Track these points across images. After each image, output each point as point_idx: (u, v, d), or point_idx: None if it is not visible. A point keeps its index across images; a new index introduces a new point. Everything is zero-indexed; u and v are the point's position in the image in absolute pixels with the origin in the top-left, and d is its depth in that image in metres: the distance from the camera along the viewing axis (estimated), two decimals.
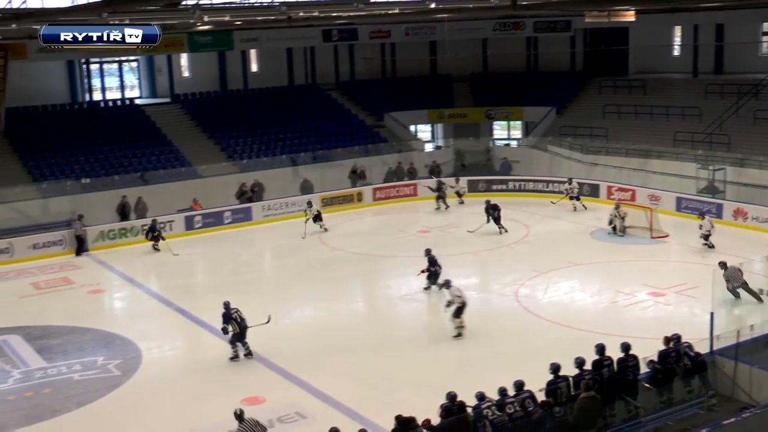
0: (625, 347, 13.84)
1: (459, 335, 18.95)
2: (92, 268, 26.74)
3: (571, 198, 31.35)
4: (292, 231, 29.48)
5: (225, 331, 17.95)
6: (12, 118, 33.65)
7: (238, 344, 17.97)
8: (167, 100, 40.56)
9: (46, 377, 17.68)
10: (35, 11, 21.47)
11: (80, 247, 28.13)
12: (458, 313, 19.04)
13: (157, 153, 35.21)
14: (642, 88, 40.06)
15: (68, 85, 39.52)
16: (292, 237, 29.10)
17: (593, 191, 32.91)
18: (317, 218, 29.59)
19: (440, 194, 33.01)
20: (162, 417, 15.69)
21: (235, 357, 17.99)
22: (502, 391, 12.70)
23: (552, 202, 32.21)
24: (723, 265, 20.11)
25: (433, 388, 14.38)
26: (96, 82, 41.56)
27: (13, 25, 20.80)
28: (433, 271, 21.98)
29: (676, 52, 41.71)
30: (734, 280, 19.96)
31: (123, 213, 30.59)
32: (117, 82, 42.36)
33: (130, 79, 42.91)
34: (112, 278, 25.94)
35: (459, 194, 33.63)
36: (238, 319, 17.91)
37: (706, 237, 25.39)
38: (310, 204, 29.90)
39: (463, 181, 34.27)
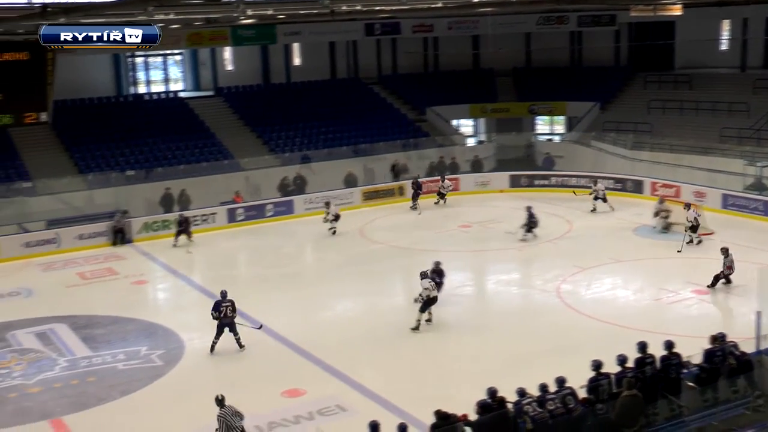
0: (669, 345, 13.69)
1: (416, 328, 19.05)
2: (136, 259, 27.07)
3: (596, 198, 30.43)
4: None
5: (213, 317, 18.19)
6: (59, 110, 34.08)
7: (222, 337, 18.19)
8: (210, 93, 40.91)
9: (91, 366, 17.96)
10: (83, 5, 21.72)
11: (116, 238, 28.49)
12: (424, 307, 19.12)
13: (201, 146, 35.53)
14: (688, 83, 39.51)
15: (114, 78, 39.98)
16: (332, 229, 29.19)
17: (637, 187, 32.56)
18: (336, 219, 28.78)
19: (415, 193, 32.37)
20: (203, 407, 15.74)
21: (211, 349, 18.23)
22: (543, 388, 12.63)
23: (574, 193, 31.84)
24: (725, 251, 21.19)
25: (473, 383, 14.34)
26: (141, 75, 42.00)
27: (62, 20, 21.04)
28: (438, 282, 20.19)
29: (724, 46, 41.02)
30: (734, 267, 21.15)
31: (166, 205, 30.97)
32: (161, 75, 42.75)
33: (174, 72, 43.28)
34: (155, 269, 26.24)
35: (441, 194, 32.82)
36: (221, 314, 18.06)
37: (693, 229, 25.26)
38: (327, 204, 29.34)
39: (449, 180, 33.35)
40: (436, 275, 20.26)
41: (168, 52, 41.79)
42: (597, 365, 13.14)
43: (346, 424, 14.67)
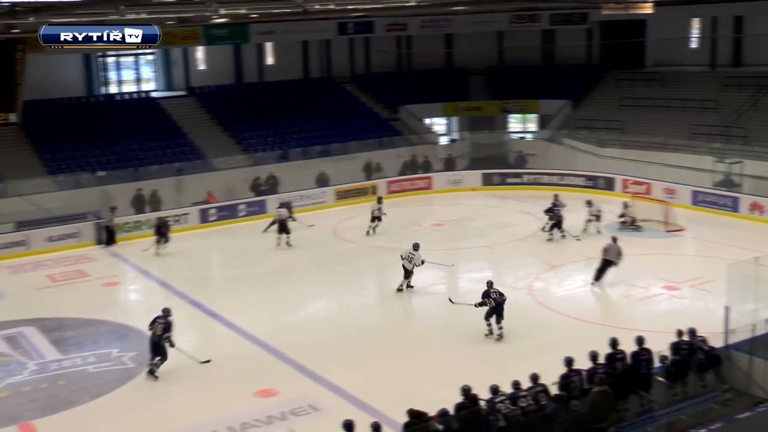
0: (639, 340, 13.83)
1: (399, 290, 21.55)
2: (107, 261, 26.85)
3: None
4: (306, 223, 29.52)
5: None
6: (29, 110, 33.69)
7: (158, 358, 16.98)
8: (183, 92, 40.65)
9: (61, 369, 17.78)
10: (54, 4, 21.53)
11: (110, 238, 28.27)
12: (409, 275, 21.37)
13: (173, 146, 35.28)
14: (659, 81, 39.81)
15: (85, 78, 39.55)
16: (305, 229, 29.10)
17: (608, 185, 32.80)
18: (283, 228, 27.14)
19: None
20: (176, 409, 15.78)
21: (150, 372, 17.04)
22: (516, 385, 12.68)
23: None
24: (613, 239, 22.04)
25: (446, 381, 14.34)
26: (112, 75, 41.65)
27: (31, 19, 20.90)
28: (483, 303, 18.49)
29: (694, 44, 41.34)
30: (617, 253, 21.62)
31: (138, 206, 30.74)
32: (133, 75, 42.40)
33: (146, 72, 42.97)
34: (127, 271, 26.04)
35: (376, 218, 28.28)
36: (153, 330, 17.02)
37: (597, 217, 26.74)
38: (282, 206, 28.10)
39: (385, 205, 29.11)
40: (483, 296, 18.55)
41: (140, 51, 41.46)
42: (569, 362, 13.23)
43: (319, 423, 14.66)
